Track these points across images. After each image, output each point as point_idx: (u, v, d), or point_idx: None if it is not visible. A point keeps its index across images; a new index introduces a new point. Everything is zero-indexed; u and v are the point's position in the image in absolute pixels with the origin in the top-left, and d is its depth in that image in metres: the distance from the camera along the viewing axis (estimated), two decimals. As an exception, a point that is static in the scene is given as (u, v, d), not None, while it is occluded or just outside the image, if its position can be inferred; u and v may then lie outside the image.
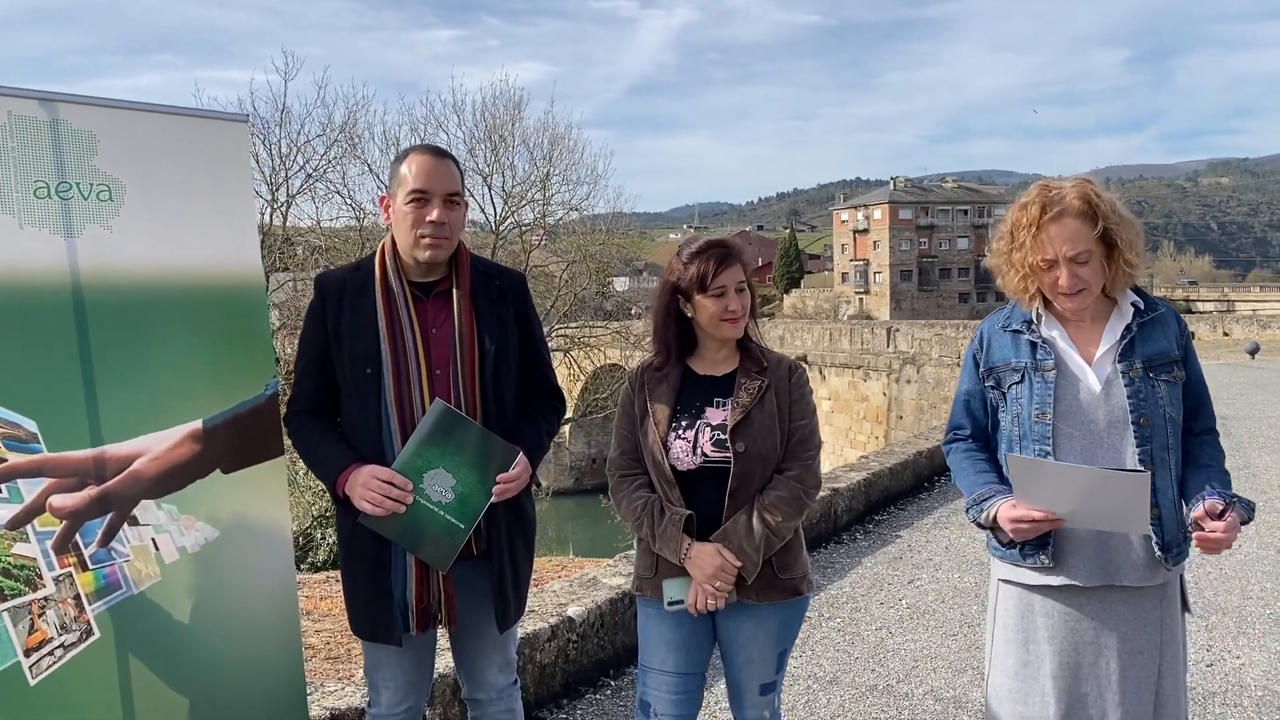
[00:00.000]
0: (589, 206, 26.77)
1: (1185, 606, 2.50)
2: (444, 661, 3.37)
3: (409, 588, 2.61)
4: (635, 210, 34.62)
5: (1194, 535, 2.31)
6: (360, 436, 2.62)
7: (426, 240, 2.58)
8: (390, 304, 2.62)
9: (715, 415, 2.66)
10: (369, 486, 2.54)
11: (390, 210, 2.65)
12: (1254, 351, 25.98)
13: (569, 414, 29.87)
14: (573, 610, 4.48)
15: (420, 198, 2.58)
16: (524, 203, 25.92)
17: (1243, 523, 2.32)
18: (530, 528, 2.79)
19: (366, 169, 22.85)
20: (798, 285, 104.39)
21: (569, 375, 27.09)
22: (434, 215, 2.57)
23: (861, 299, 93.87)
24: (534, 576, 6.36)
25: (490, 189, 25.37)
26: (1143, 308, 2.44)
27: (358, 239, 21.20)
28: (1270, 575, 6.06)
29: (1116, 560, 2.38)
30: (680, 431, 2.66)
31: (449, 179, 2.62)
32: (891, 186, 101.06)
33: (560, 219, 27.17)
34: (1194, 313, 53.67)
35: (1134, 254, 2.39)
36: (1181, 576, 2.50)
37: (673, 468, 2.64)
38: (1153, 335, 2.42)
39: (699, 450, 2.63)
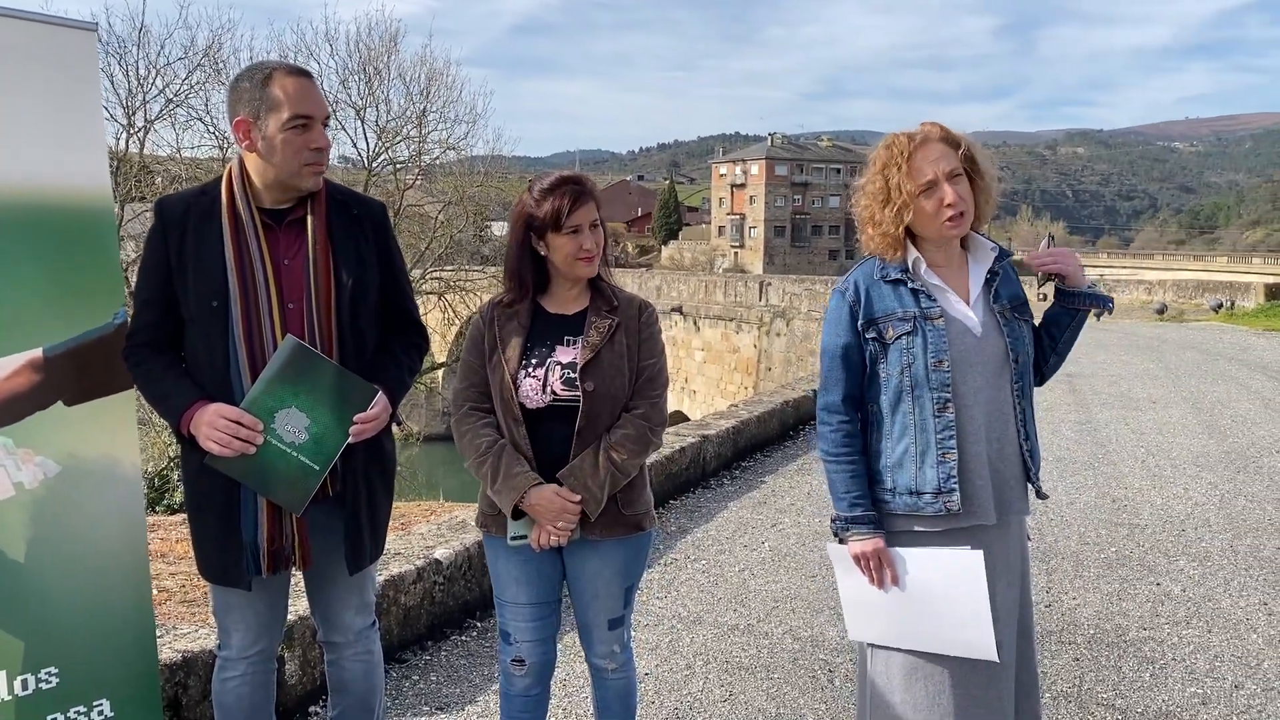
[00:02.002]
0: (467, 147, 26.27)
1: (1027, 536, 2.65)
2: (305, 603, 3.28)
3: (260, 530, 2.51)
4: (515, 153, 34.17)
5: (1037, 265, 2.51)
6: (206, 373, 2.48)
7: (312, 168, 2.46)
8: (238, 232, 2.47)
9: (565, 354, 2.65)
10: (215, 426, 2.41)
11: (252, 135, 2.45)
12: (1100, 313, 27.49)
13: (442, 358, 29.46)
14: (440, 553, 4.43)
15: (303, 123, 2.43)
16: (399, 139, 25.21)
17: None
18: (390, 467, 2.71)
19: (232, 96, 21.72)
20: (676, 237, 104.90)
21: (443, 319, 26.64)
22: (320, 140, 2.45)
23: (737, 253, 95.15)
24: (402, 520, 6.27)
25: (364, 123, 24.57)
26: (998, 252, 2.54)
27: (220, 169, 20.20)
28: (1106, 523, 6.46)
29: (1007, 496, 2.48)
30: (530, 370, 2.64)
31: (324, 101, 2.51)
32: (769, 143, 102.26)
33: (437, 158, 26.56)
34: (1052, 280, 56.27)
35: (991, 181, 2.49)
36: (1024, 518, 2.63)
37: (521, 405, 2.62)
38: (1009, 277, 2.55)
39: (548, 389, 2.62)
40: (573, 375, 2.61)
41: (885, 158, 2.46)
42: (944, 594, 2.40)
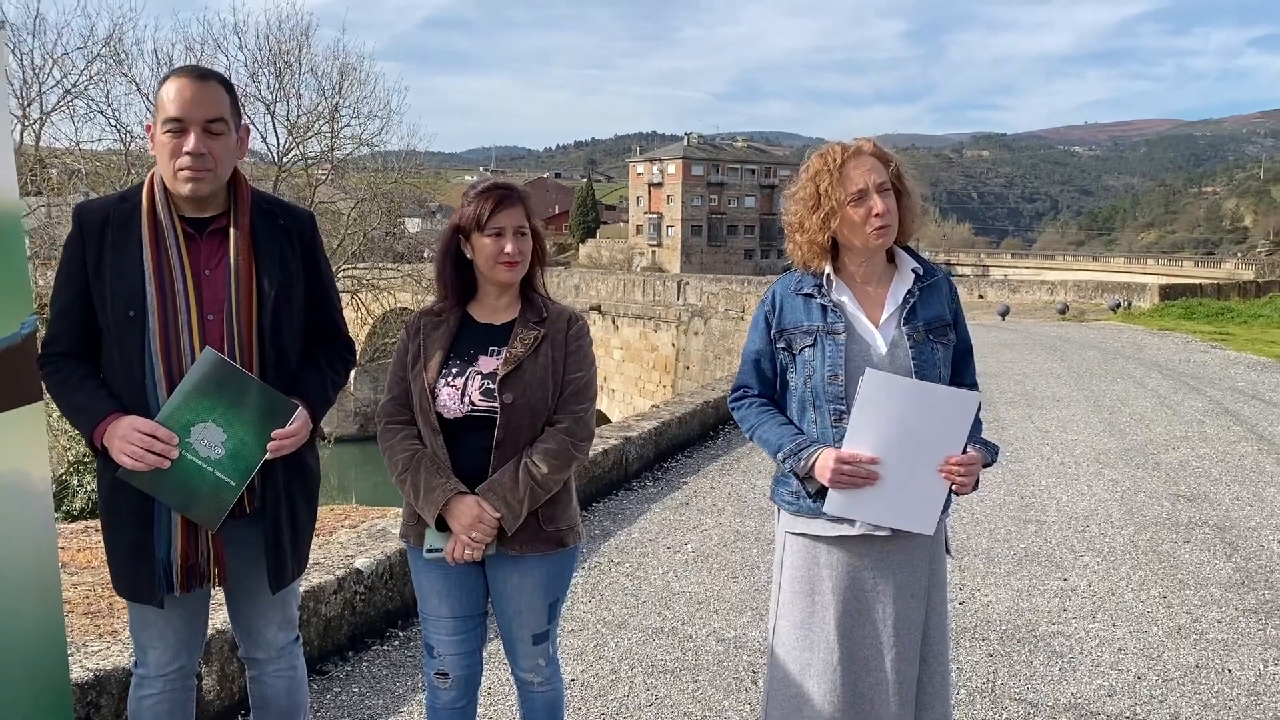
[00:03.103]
0: (381, 142, 25.94)
1: (948, 550, 2.71)
2: (223, 616, 3.21)
3: (173, 546, 2.44)
4: (430, 149, 33.81)
5: (941, 473, 2.48)
6: (122, 385, 2.40)
7: (185, 173, 2.37)
8: (158, 240, 2.40)
9: (487, 364, 2.64)
10: (128, 439, 2.34)
11: (154, 139, 2.42)
12: (1005, 313, 28.33)
13: (356, 358, 28.88)
14: (361, 562, 4.36)
15: (176, 126, 2.36)
16: (310, 134, 24.75)
17: (985, 464, 2.55)
18: (313, 483, 2.66)
19: (134, 88, 21.05)
20: (593, 235, 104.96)
21: (356, 318, 26.20)
22: (190, 145, 2.35)
23: (654, 251, 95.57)
24: (317, 527, 6.15)
25: (274, 118, 24.04)
26: (921, 274, 2.60)
27: (123, 163, 19.53)
28: (1015, 520, 6.68)
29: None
30: (450, 379, 2.62)
31: (209, 104, 2.38)
32: (685, 142, 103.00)
33: (350, 154, 26.15)
34: (955, 276, 58.00)
35: (917, 201, 2.56)
36: (946, 524, 2.70)
37: (439, 415, 2.60)
38: (930, 300, 2.59)
39: (467, 398, 2.60)
40: (491, 386, 2.60)
41: (818, 165, 2.52)
42: (933, 426, 2.44)
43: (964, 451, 2.48)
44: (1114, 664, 4.32)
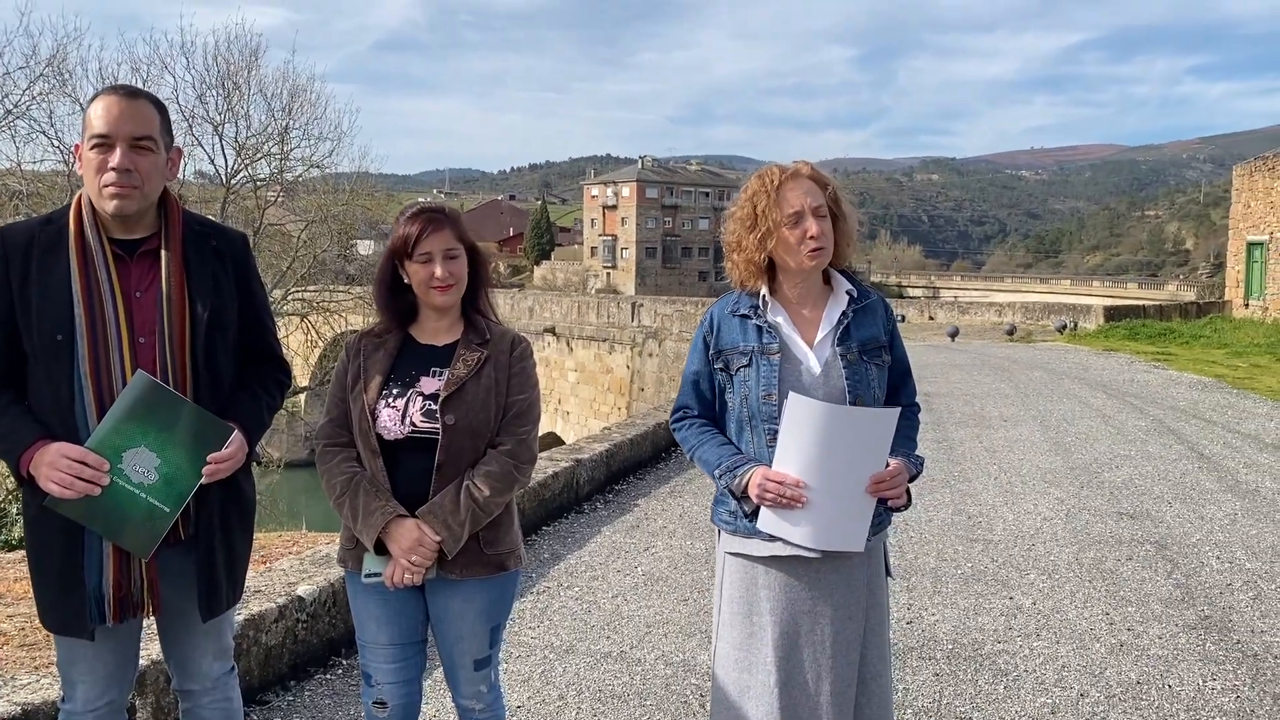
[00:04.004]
0: (332, 164, 25.87)
1: (888, 571, 2.73)
2: (156, 647, 3.13)
3: (105, 576, 2.39)
4: (382, 171, 33.72)
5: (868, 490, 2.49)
6: (50, 411, 2.35)
7: (110, 190, 2.34)
8: (86, 262, 2.36)
9: (429, 385, 2.63)
10: (57, 466, 2.29)
11: (81, 158, 2.39)
12: (954, 334, 28.71)
13: (305, 382, 28.61)
14: (303, 589, 4.29)
15: (102, 142, 2.33)
16: (260, 156, 24.54)
17: (911, 476, 2.57)
18: (248, 509, 2.62)
19: (78, 108, 20.72)
20: (548, 257, 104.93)
21: (306, 341, 25.96)
22: (115, 161, 2.32)
23: (609, 273, 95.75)
24: (263, 554, 6.06)
25: (222, 139, 23.82)
26: (856, 295, 2.63)
27: (65, 184, 19.21)
28: (962, 539, 6.74)
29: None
30: (390, 400, 2.61)
31: (138, 121, 2.36)
32: (640, 165, 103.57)
33: (300, 176, 25.95)
34: (905, 298, 58.73)
35: (853, 225, 2.60)
36: (885, 544, 2.72)
37: (379, 437, 2.58)
38: (865, 321, 2.62)
39: (408, 419, 2.59)
40: (433, 407, 2.59)
41: (756, 186, 2.56)
42: (855, 446, 2.45)
43: (887, 466, 2.50)
44: (1058, 681, 4.36)
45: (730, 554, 2.63)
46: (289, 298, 24.65)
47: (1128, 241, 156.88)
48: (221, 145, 23.85)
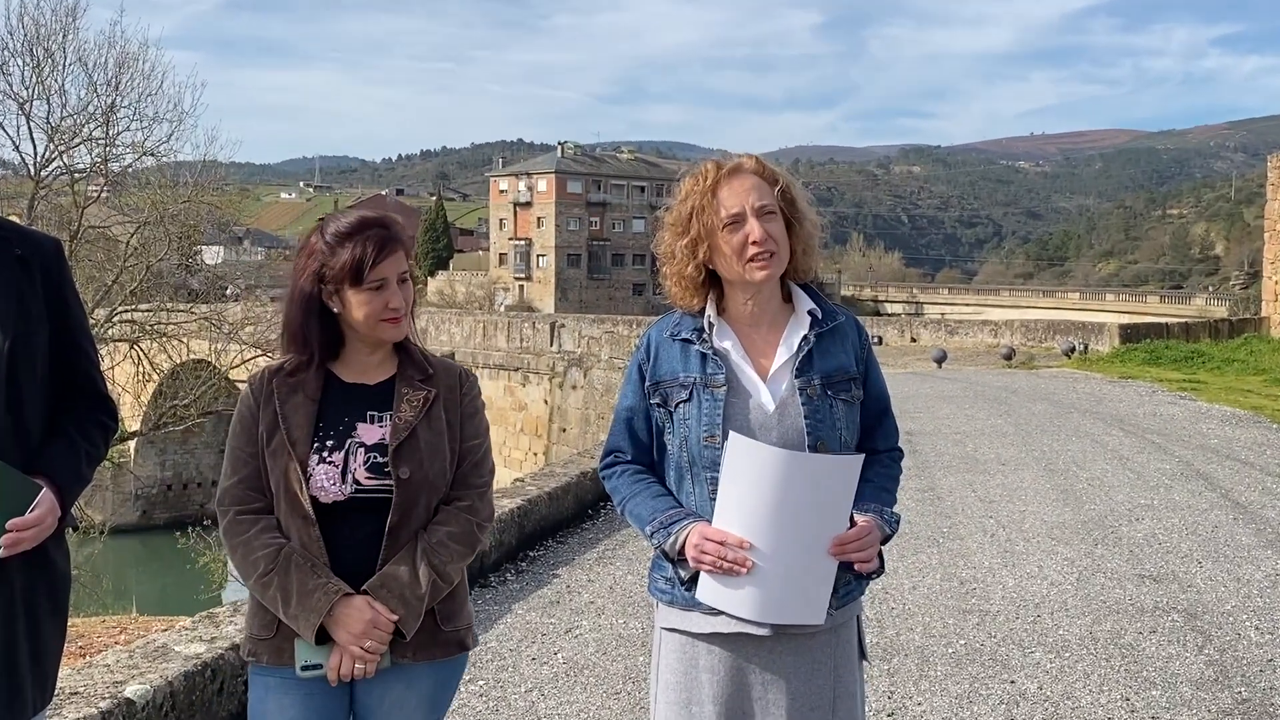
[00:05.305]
0: (170, 151, 25.50)
1: (863, 654, 2.75)
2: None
3: None
4: (235, 160, 33.24)
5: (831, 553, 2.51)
6: None
7: None
8: None
9: (369, 433, 2.62)
10: None
11: None
12: (941, 360, 29.23)
13: (136, 426, 28.06)
14: (133, 689, 4.20)
15: None
16: (78, 141, 24.13)
17: (885, 537, 2.58)
18: (60, 586, 2.57)
19: None
20: (446, 267, 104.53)
21: (137, 373, 25.47)
22: None
23: (523, 286, 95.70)
24: (81, 644, 5.92)
25: (30, 120, 23.36)
26: (820, 316, 2.65)
27: None
28: (953, 610, 6.83)
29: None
30: (325, 454, 2.59)
31: None
32: (559, 153, 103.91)
33: (130, 166, 25.56)
34: (882, 315, 59.65)
35: (813, 229, 2.63)
36: (859, 620, 2.74)
37: (314, 500, 2.56)
38: (831, 348, 2.63)
39: (349, 477, 2.58)
40: (381, 460, 2.58)
41: (689, 186, 2.60)
42: (812, 499, 2.46)
43: (852, 524, 2.51)
44: (1070, 783, 4.44)
45: (667, 629, 2.64)
46: (115, 319, 24.21)
47: (1146, 246, 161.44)
48: (29, 127, 23.45)
